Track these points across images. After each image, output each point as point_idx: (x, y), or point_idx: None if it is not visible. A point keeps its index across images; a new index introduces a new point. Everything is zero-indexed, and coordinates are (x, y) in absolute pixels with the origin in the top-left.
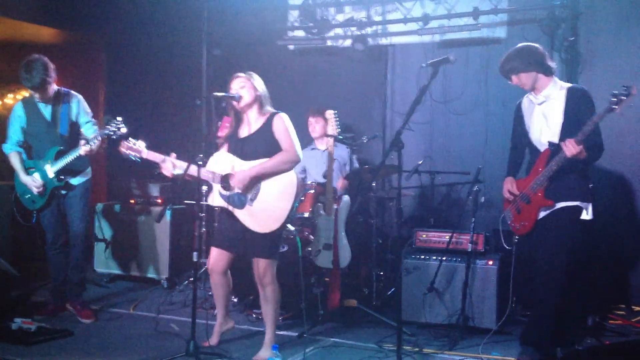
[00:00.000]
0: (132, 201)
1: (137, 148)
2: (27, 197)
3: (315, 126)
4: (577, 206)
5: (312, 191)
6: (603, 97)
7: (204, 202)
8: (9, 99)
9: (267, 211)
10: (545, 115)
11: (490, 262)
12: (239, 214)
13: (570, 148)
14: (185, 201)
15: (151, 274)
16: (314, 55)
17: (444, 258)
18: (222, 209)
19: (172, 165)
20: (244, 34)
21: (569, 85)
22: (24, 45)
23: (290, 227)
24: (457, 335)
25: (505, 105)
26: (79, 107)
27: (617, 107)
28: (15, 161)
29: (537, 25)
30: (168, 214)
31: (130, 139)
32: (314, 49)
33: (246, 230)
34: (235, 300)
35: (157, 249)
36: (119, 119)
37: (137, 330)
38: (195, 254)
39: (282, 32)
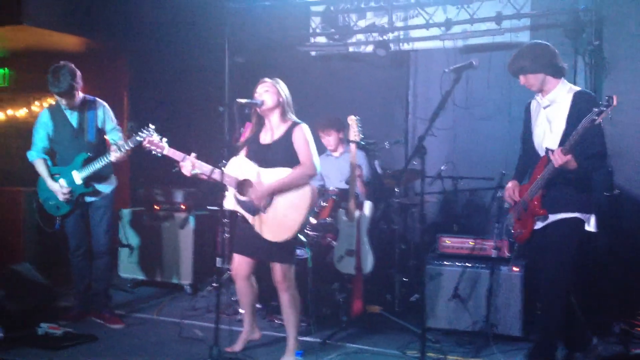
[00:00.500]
0: (156, 207)
1: (159, 144)
2: (51, 203)
3: (327, 139)
4: (576, 218)
5: (334, 197)
6: (629, 102)
7: (224, 206)
8: (36, 106)
9: (279, 221)
10: (549, 119)
11: (515, 269)
12: (253, 221)
13: (557, 158)
14: (209, 207)
15: (175, 280)
16: (335, 61)
17: (468, 264)
18: (239, 214)
19: (191, 165)
20: (266, 40)
21: (577, 89)
22: (49, 53)
23: (301, 237)
24: (482, 342)
25: None
26: (105, 114)
27: (597, 118)
28: (41, 168)
29: (560, 29)
30: (192, 220)
31: (154, 134)
32: (336, 55)
33: (260, 236)
34: (260, 306)
35: (181, 255)
36: (152, 126)
37: (161, 335)
38: (218, 259)
39: (304, 38)
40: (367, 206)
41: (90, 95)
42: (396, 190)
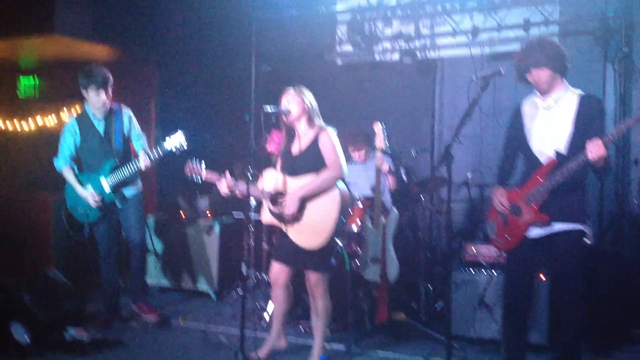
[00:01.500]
0: (182, 214)
1: (199, 170)
2: (80, 210)
3: (358, 153)
4: (580, 231)
5: (361, 205)
6: None
7: (253, 215)
8: (65, 115)
9: (312, 227)
10: (551, 122)
11: (542, 276)
12: (288, 230)
13: (597, 149)
14: (234, 214)
15: (200, 286)
16: (362, 69)
17: (494, 272)
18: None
19: (226, 185)
20: (293, 49)
21: (580, 92)
22: (78, 63)
23: (338, 241)
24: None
25: None
26: (131, 122)
27: None
28: (69, 176)
29: (590, 36)
30: (217, 227)
31: (194, 160)
32: (362, 64)
33: (296, 245)
34: None
35: (206, 262)
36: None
37: (186, 341)
38: (244, 265)
39: (331, 47)
40: (393, 214)
41: (116, 103)
42: (422, 197)
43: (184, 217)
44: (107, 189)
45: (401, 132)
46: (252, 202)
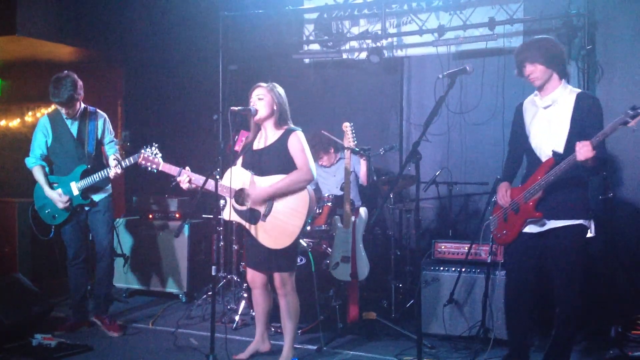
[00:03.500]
0: (150, 216)
1: (155, 160)
2: (46, 211)
3: (326, 157)
4: (581, 225)
5: (329, 204)
6: (621, 107)
7: (222, 217)
8: (29, 116)
9: (279, 228)
10: (549, 121)
11: None
12: (253, 229)
13: (585, 151)
14: (204, 215)
15: (170, 289)
16: (329, 68)
17: (463, 269)
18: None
19: (187, 178)
20: (260, 48)
21: (579, 90)
22: (42, 63)
23: (302, 242)
24: (478, 347)
25: None
26: (104, 126)
27: (632, 121)
28: (39, 175)
29: (553, 34)
30: (186, 228)
31: (148, 149)
32: (329, 62)
33: (261, 246)
34: (254, 313)
35: (176, 264)
36: (155, 145)
37: (156, 344)
38: (213, 268)
39: (298, 45)
40: (362, 212)
41: (92, 107)
42: (391, 196)
43: (152, 218)
44: (76, 192)
45: (369, 130)
46: (222, 202)
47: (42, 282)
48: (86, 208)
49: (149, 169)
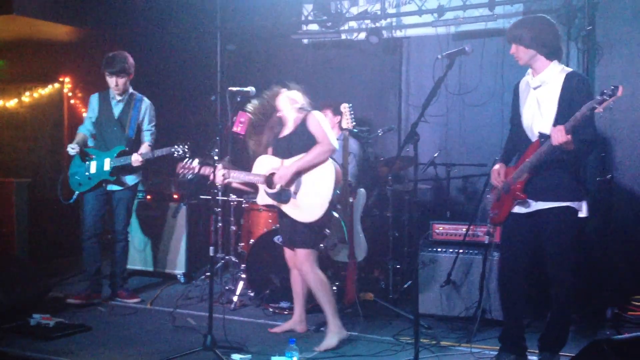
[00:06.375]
0: (149, 197)
1: (191, 166)
2: (76, 178)
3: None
4: (568, 207)
5: None
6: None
7: (220, 197)
8: (26, 96)
9: (310, 200)
10: (539, 101)
11: None
12: (286, 208)
13: (558, 136)
14: (201, 196)
15: (168, 269)
16: (328, 48)
17: (461, 251)
18: (276, 207)
19: (222, 175)
20: (258, 28)
21: (569, 70)
22: (39, 43)
23: (335, 214)
24: (474, 327)
25: None
26: (147, 113)
27: (598, 106)
28: (77, 138)
29: (553, 14)
30: (184, 209)
31: (188, 161)
32: (328, 43)
33: (294, 223)
34: (252, 294)
35: (174, 245)
36: (188, 143)
37: (154, 324)
38: (211, 248)
39: (297, 26)
40: (360, 194)
41: (139, 93)
42: (389, 177)
43: (151, 199)
44: (107, 168)
45: (368, 111)
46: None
47: (39, 262)
48: (111, 187)
49: (189, 177)
